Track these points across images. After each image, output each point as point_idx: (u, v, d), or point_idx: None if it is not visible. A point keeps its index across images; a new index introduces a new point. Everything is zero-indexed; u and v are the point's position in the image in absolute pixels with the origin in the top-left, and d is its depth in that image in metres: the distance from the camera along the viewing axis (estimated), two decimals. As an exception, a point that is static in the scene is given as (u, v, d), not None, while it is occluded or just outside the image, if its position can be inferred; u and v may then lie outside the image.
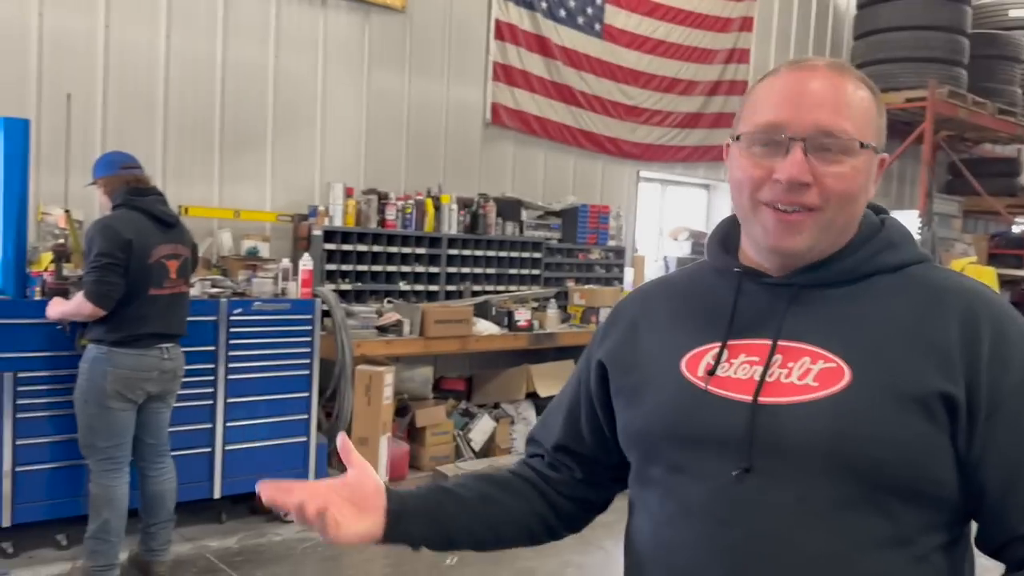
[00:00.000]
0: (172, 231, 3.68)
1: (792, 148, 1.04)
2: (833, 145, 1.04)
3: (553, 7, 6.69)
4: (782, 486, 1.02)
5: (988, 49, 9.17)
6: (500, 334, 5.60)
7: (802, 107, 1.05)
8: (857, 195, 1.08)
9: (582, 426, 1.30)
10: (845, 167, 1.05)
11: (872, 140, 1.08)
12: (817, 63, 1.09)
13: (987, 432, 1.00)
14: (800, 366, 1.06)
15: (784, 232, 1.06)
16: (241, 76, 5.20)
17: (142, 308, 3.53)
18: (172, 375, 3.70)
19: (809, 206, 1.05)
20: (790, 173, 1.03)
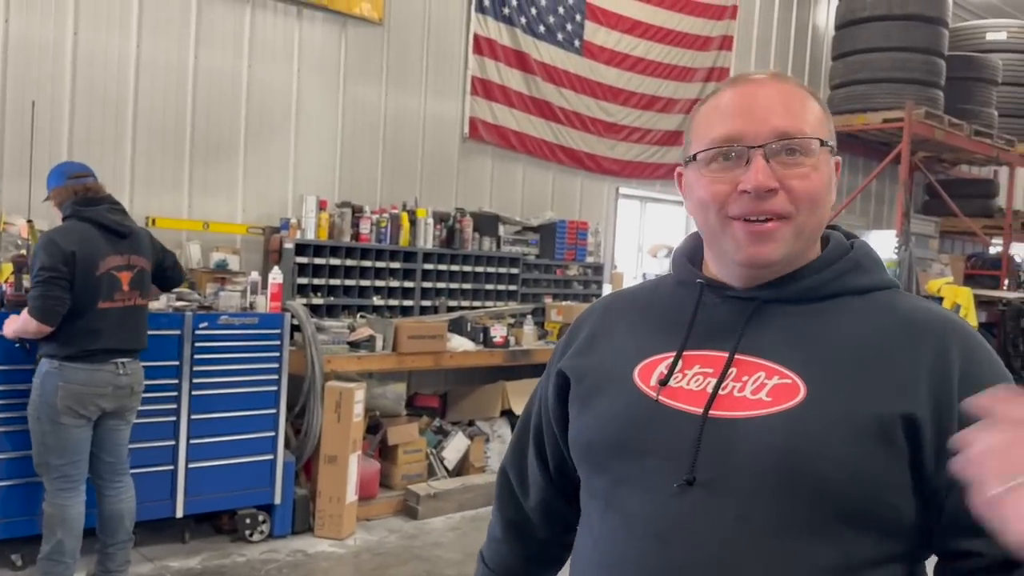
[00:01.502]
0: (125, 242, 3.56)
1: (753, 157, 1.03)
2: (793, 147, 1.03)
3: (532, 23, 6.67)
4: (725, 503, 0.98)
5: (965, 71, 9.28)
6: (475, 350, 5.52)
7: (756, 116, 1.04)
8: (823, 198, 1.06)
9: (546, 450, 1.29)
10: (808, 168, 1.04)
11: (827, 137, 1.08)
12: (760, 75, 1.10)
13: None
14: (754, 380, 1.03)
15: (757, 242, 1.04)
16: (213, 86, 5.12)
17: (92, 322, 3.42)
18: (128, 391, 3.59)
19: (780, 213, 1.03)
20: (756, 181, 1.02)
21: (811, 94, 1.10)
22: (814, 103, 1.09)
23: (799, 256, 1.08)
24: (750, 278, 1.09)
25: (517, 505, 1.36)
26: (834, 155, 1.11)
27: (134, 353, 3.61)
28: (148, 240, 3.74)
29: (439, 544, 4.64)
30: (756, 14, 8.65)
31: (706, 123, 1.08)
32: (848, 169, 9.77)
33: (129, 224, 3.64)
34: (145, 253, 3.66)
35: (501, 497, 1.40)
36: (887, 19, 8.25)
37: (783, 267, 1.08)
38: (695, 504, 0.99)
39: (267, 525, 4.43)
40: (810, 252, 1.10)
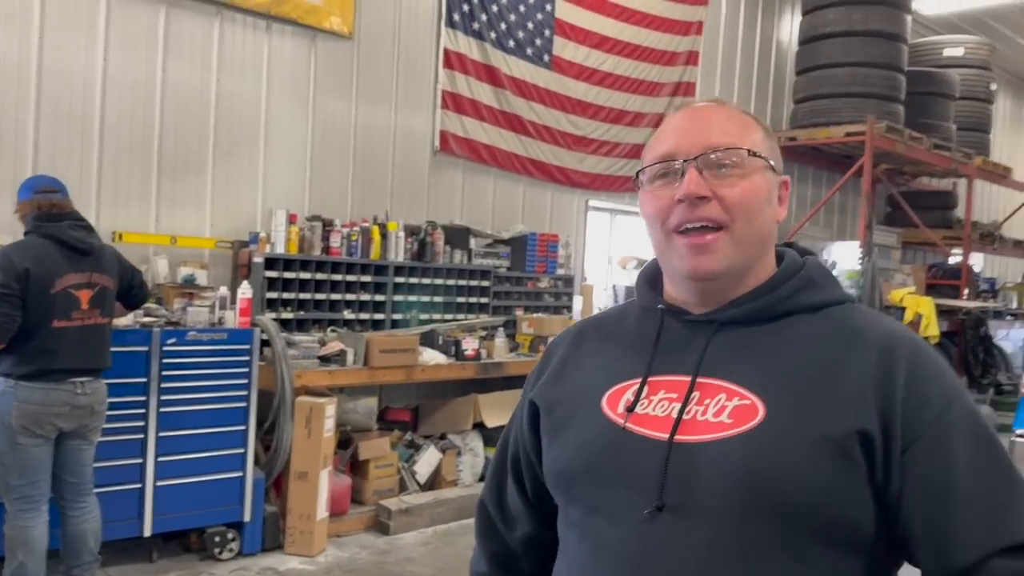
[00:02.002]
0: (87, 259, 3.50)
1: (687, 170, 1.08)
2: (724, 159, 1.08)
3: (502, 37, 6.71)
4: (694, 527, 1.00)
5: (924, 86, 9.50)
6: (447, 363, 5.52)
7: (690, 134, 1.10)
8: (759, 208, 1.09)
9: (524, 478, 1.30)
10: (740, 179, 1.08)
11: (764, 153, 1.11)
12: (702, 102, 1.17)
13: (907, 466, 0.99)
14: (716, 403, 1.05)
15: (698, 254, 1.08)
16: (181, 99, 5.08)
17: (48, 341, 3.36)
18: (88, 411, 3.52)
19: (714, 220, 1.07)
20: (687, 189, 1.07)
21: (752, 118, 1.15)
22: (753, 125, 1.14)
23: (746, 266, 1.10)
24: (705, 296, 1.12)
25: (499, 538, 1.35)
26: (778, 174, 1.14)
27: (94, 372, 3.54)
28: (114, 258, 3.68)
29: (411, 559, 4.62)
30: (721, 30, 8.79)
31: (651, 147, 1.14)
32: (812, 182, 9.94)
33: (92, 241, 3.57)
34: (109, 271, 3.60)
35: (482, 530, 1.38)
36: (849, 35, 8.41)
37: (732, 282, 1.10)
38: (666, 530, 1.01)
39: (237, 543, 4.38)
40: (763, 270, 1.13)
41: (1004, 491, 0.98)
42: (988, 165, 10.44)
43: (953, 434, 0.99)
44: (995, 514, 0.97)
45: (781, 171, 1.15)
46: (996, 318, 10.10)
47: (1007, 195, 12.76)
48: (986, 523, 0.96)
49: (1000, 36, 12.10)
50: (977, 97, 10.96)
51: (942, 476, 0.98)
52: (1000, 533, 0.95)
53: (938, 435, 0.99)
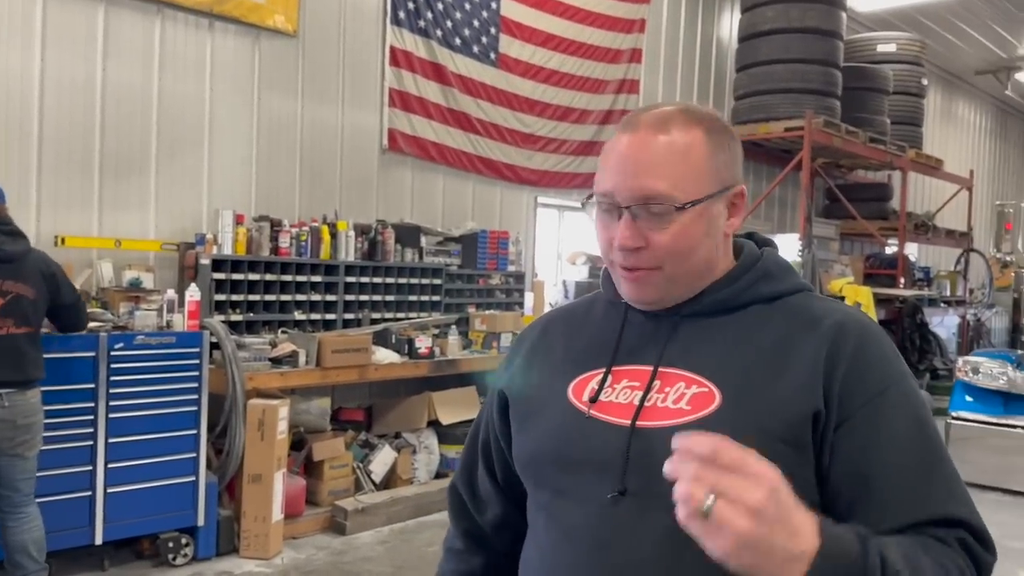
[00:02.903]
0: (6, 267, 3.41)
1: (623, 215, 1.10)
2: (655, 209, 1.09)
3: (448, 35, 6.73)
4: (654, 510, 1.04)
5: (859, 81, 9.78)
6: (400, 362, 5.52)
7: (626, 175, 1.10)
8: (691, 248, 1.12)
9: (495, 464, 1.33)
10: (673, 226, 1.09)
11: (705, 187, 1.11)
12: (645, 120, 1.12)
13: (837, 442, 1.04)
14: (675, 391, 1.10)
15: (634, 288, 1.14)
16: (123, 100, 4.99)
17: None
18: (10, 425, 3.41)
19: (647, 267, 1.11)
20: (620, 242, 1.11)
21: (699, 130, 1.11)
22: (698, 146, 1.10)
23: (687, 289, 1.15)
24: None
25: (471, 517, 1.39)
26: (729, 190, 1.14)
27: (12, 385, 3.42)
28: (37, 268, 3.54)
29: (368, 559, 4.62)
30: (663, 28, 8.93)
31: (601, 164, 1.15)
32: (753, 176, 10.16)
33: (12, 248, 3.46)
34: (26, 279, 3.48)
35: (455, 510, 1.42)
36: (786, 32, 8.62)
37: (676, 299, 1.15)
38: (628, 513, 1.06)
39: (191, 548, 4.33)
40: (720, 269, 1.17)
41: (926, 469, 1.03)
42: (921, 158, 10.80)
43: (884, 415, 1.04)
44: (915, 490, 1.01)
45: (735, 181, 1.15)
46: (931, 305, 10.45)
47: (939, 186, 13.22)
48: (906, 498, 1.01)
49: (930, 32, 12.53)
50: (909, 92, 11.32)
51: (865, 453, 1.02)
52: (918, 508, 1.00)
53: (869, 415, 1.03)
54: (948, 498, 1.03)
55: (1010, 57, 14.22)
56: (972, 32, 12.89)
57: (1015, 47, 13.69)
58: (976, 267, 12.34)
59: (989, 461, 6.34)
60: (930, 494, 1.02)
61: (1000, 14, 12.10)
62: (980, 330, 11.72)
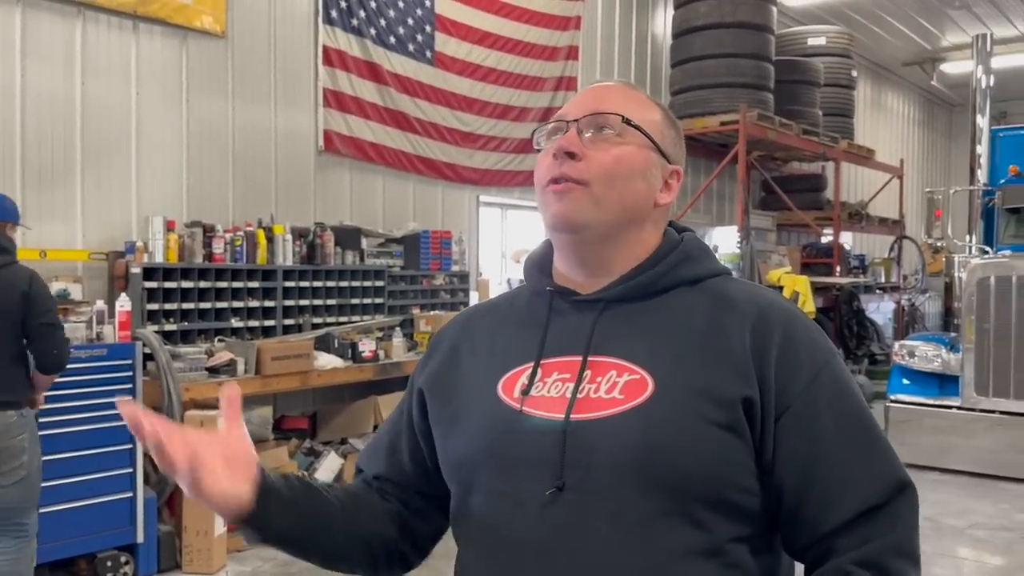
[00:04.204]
0: None
1: (568, 129, 1.13)
2: (602, 122, 1.13)
3: (383, 34, 6.65)
4: (595, 503, 1.02)
5: (791, 74, 9.99)
6: (344, 367, 5.44)
7: (582, 102, 1.16)
8: (626, 174, 1.13)
9: (403, 457, 1.26)
10: (613, 147, 1.12)
11: (649, 129, 1.15)
12: (612, 81, 1.21)
13: (779, 434, 1.04)
14: (607, 380, 1.07)
15: (558, 200, 1.12)
16: (44, 106, 4.80)
17: None
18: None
19: (574, 177, 1.11)
20: (559, 143, 1.12)
21: (655, 104, 1.19)
22: (655, 109, 1.18)
23: (617, 239, 1.14)
24: (585, 264, 1.15)
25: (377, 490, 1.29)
26: (669, 161, 1.17)
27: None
28: (12, 281, 3.33)
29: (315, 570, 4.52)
30: (599, 25, 8.99)
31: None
32: (691, 170, 10.28)
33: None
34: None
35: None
36: (719, 27, 8.75)
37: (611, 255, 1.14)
38: (568, 509, 1.02)
39: (130, 566, 4.20)
40: (643, 247, 1.16)
41: (863, 457, 1.04)
42: (853, 148, 11.08)
43: (820, 402, 1.04)
44: (854, 481, 1.02)
45: (676, 159, 1.19)
46: (867, 292, 10.73)
47: (871, 176, 13.59)
48: (846, 491, 1.02)
49: (859, 26, 12.87)
50: (840, 84, 11.61)
51: (808, 446, 1.03)
52: (857, 499, 1.02)
53: (806, 404, 1.04)
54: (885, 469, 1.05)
55: (934, 49, 14.70)
56: (898, 25, 13.29)
57: (939, 39, 14.15)
58: (909, 253, 12.71)
59: (926, 442, 6.53)
60: (864, 484, 1.03)
61: (924, 7, 12.50)
62: (915, 315, 12.07)
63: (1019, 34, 13.60)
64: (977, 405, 6.46)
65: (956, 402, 6.58)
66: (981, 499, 5.81)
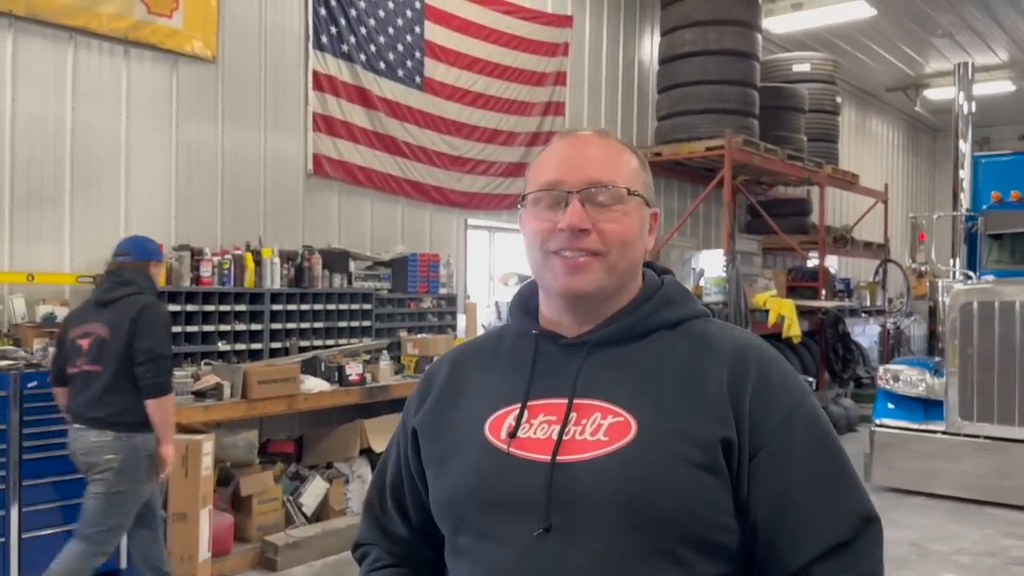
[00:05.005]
0: (99, 311, 3.62)
1: (571, 201, 1.14)
2: (605, 195, 1.14)
3: (372, 59, 6.71)
4: (580, 543, 1.05)
5: (776, 101, 10.11)
6: (331, 390, 5.43)
7: (576, 166, 1.16)
8: (634, 239, 1.17)
9: (407, 500, 1.29)
10: (618, 214, 1.15)
11: (639, 189, 1.18)
12: (587, 132, 1.22)
13: (753, 473, 1.07)
14: (592, 422, 1.10)
15: (572, 274, 1.14)
16: (34, 129, 4.82)
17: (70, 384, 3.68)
18: (74, 456, 3.63)
19: (592, 250, 1.13)
20: (571, 221, 1.13)
21: (630, 150, 1.22)
22: (631, 158, 1.21)
23: (616, 290, 1.17)
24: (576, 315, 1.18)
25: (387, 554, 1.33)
26: (651, 207, 1.21)
27: (86, 421, 3.55)
28: (124, 314, 3.56)
29: (302, 593, 4.51)
30: (586, 51, 9.08)
31: (537, 170, 1.20)
32: (677, 195, 10.38)
33: (112, 295, 3.63)
34: (109, 323, 3.56)
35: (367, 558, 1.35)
36: (705, 54, 8.86)
37: (601, 303, 1.17)
38: (554, 549, 1.05)
39: (113, 593, 4.17)
40: (629, 293, 1.19)
41: (832, 494, 1.08)
42: (838, 173, 11.19)
43: (793, 442, 1.08)
44: (822, 519, 1.06)
45: (653, 203, 1.23)
46: (852, 316, 10.79)
47: (856, 200, 13.72)
48: (815, 529, 1.06)
49: (843, 52, 13.04)
50: (824, 109, 11.75)
51: (780, 484, 1.07)
52: (825, 536, 1.05)
53: (780, 443, 1.07)
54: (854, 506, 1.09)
55: (918, 75, 14.91)
56: (882, 52, 13.48)
57: (922, 65, 14.36)
58: (894, 277, 12.81)
59: (911, 466, 6.54)
60: (834, 521, 1.07)
61: (907, 35, 12.69)
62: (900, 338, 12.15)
63: (1000, 62, 13.82)
64: (961, 430, 6.49)
65: (941, 427, 6.60)
66: (966, 524, 5.83)
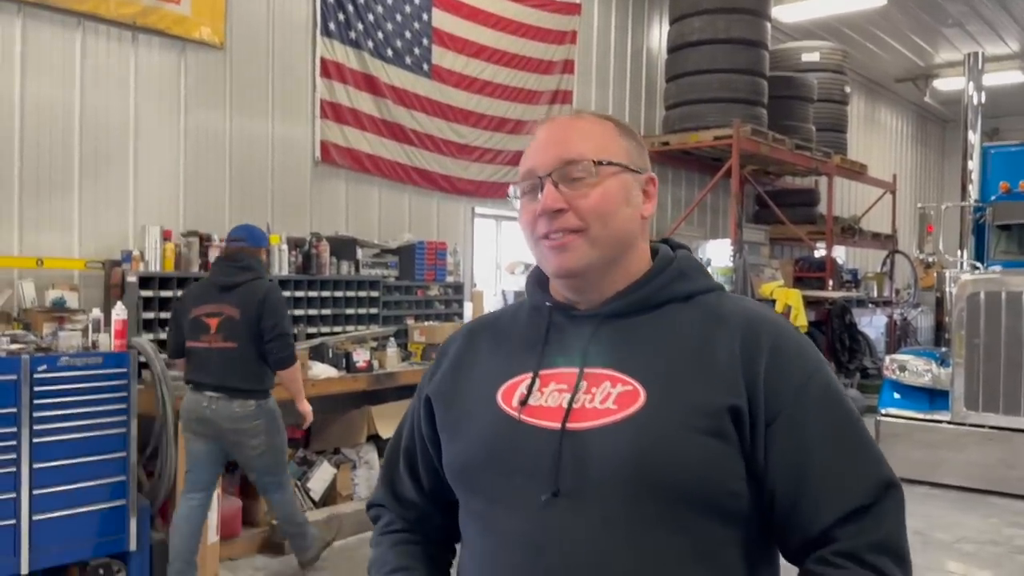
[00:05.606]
0: (224, 294, 4.06)
1: (544, 184, 1.16)
2: (576, 171, 1.16)
3: (380, 46, 6.71)
4: (588, 509, 1.07)
5: (784, 90, 10.07)
6: (338, 377, 5.46)
7: (544, 150, 1.19)
8: (614, 208, 1.17)
9: (419, 467, 1.34)
10: (592, 188, 1.16)
11: (618, 158, 1.18)
12: (562, 116, 1.24)
13: (770, 440, 1.08)
14: (602, 391, 1.12)
15: (558, 255, 1.16)
16: (43, 115, 4.84)
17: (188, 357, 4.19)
18: (217, 427, 4.06)
19: (572, 228, 1.15)
20: (544, 204, 1.16)
21: (609, 121, 1.23)
22: (610, 130, 1.21)
23: (612, 265, 1.19)
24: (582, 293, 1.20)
25: (399, 519, 1.37)
26: (640, 172, 1.22)
27: (220, 391, 4.00)
28: (253, 297, 4.04)
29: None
30: (594, 39, 9.06)
31: (520, 163, 1.23)
32: (685, 184, 10.37)
33: (235, 279, 4.08)
34: (237, 304, 4.04)
35: (381, 519, 1.39)
36: (713, 43, 8.82)
37: (601, 276, 1.19)
38: (562, 514, 1.08)
39: (123, 574, 4.20)
40: (636, 265, 1.21)
41: (851, 460, 1.09)
42: (846, 163, 11.16)
43: (810, 408, 1.09)
44: (842, 484, 1.07)
45: (645, 168, 1.23)
46: (859, 306, 10.78)
47: (864, 190, 13.67)
48: (834, 493, 1.07)
49: (852, 42, 12.97)
50: (833, 99, 11.69)
51: (798, 450, 1.08)
52: (845, 500, 1.06)
53: (797, 410, 1.09)
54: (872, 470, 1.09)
55: (927, 65, 14.82)
56: (891, 41, 13.41)
57: (932, 56, 14.28)
58: (901, 268, 12.78)
59: (917, 456, 6.56)
60: (852, 485, 1.08)
61: (917, 25, 12.62)
62: (907, 329, 12.13)
63: (1011, 52, 13.73)
64: (967, 420, 6.50)
65: (946, 416, 6.62)
66: (970, 513, 5.85)
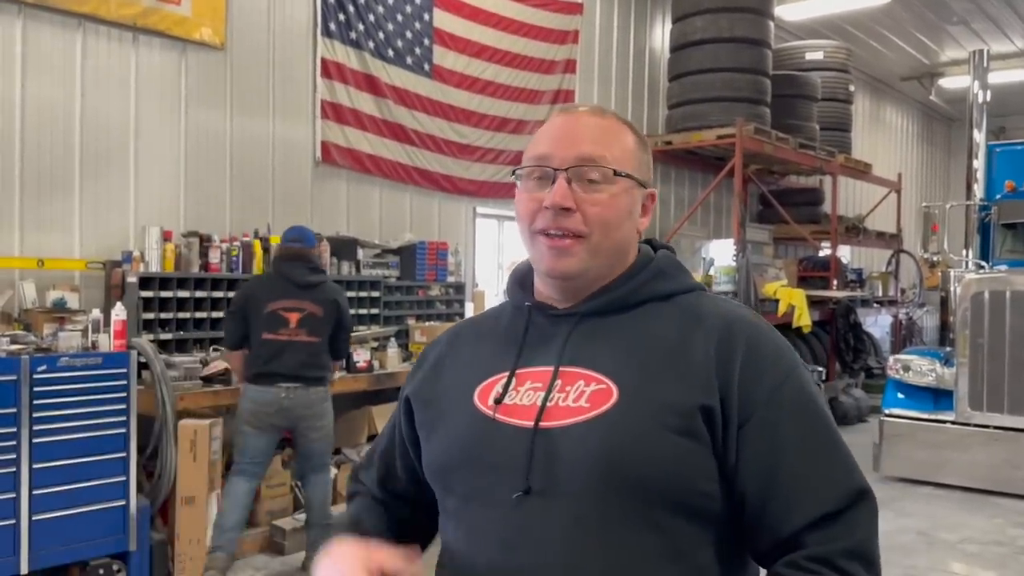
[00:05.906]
0: (302, 291, 4.35)
1: (557, 178, 1.14)
2: (593, 174, 1.14)
3: (381, 47, 6.71)
4: (559, 507, 1.07)
5: (788, 89, 10.03)
6: (338, 377, 5.45)
7: (565, 142, 1.16)
8: (618, 221, 1.17)
9: (396, 465, 1.35)
10: (604, 195, 1.15)
11: (632, 171, 1.18)
12: (582, 108, 1.22)
13: (742, 441, 1.07)
14: (575, 389, 1.12)
15: (556, 256, 1.15)
16: (44, 116, 4.85)
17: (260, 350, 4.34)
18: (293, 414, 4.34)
19: (574, 231, 1.14)
20: (554, 200, 1.13)
21: (627, 128, 1.21)
22: (627, 136, 1.20)
23: (604, 270, 1.18)
24: (567, 293, 1.20)
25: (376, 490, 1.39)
26: (646, 188, 1.21)
27: (300, 380, 4.27)
28: (331, 297, 4.45)
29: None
30: (597, 38, 9.04)
31: (530, 146, 1.20)
32: (688, 183, 10.34)
33: (311, 279, 4.40)
34: (320, 303, 4.37)
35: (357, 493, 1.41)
36: (716, 42, 8.80)
37: (591, 281, 1.18)
38: (533, 511, 1.07)
39: (123, 574, 4.21)
40: (620, 266, 1.20)
41: (823, 465, 1.08)
42: (850, 162, 11.12)
43: (783, 411, 1.08)
44: (813, 488, 1.06)
45: (650, 183, 1.23)
46: (864, 306, 10.72)
47: (869, 189, 13.62)
48: (804, 496, 1.05)
49: (856, 40, 12.93)
50: (837, 98, 11.65)
51: (770, 452, 1.07)
52: (816, 505, 1.05)
53: (770, 411, 1.08)
54: (845, 477, 1.08)
55: (932, 63, 14.76)
56: (896, 40, 13.36)
57: (937, 54, 14.21)
58: (906, 267, 12.73)
59: (921, 456, 6.52)
60: (822, 490, 1.06)
61: (922, 22, 12.56)
62: (912, 329, 12.08)
63: (1017, 50, 13.67)
64: (971, 420, 6.46)
65: (951, 417, 6.57)
66: (975, 514, 5.81)
